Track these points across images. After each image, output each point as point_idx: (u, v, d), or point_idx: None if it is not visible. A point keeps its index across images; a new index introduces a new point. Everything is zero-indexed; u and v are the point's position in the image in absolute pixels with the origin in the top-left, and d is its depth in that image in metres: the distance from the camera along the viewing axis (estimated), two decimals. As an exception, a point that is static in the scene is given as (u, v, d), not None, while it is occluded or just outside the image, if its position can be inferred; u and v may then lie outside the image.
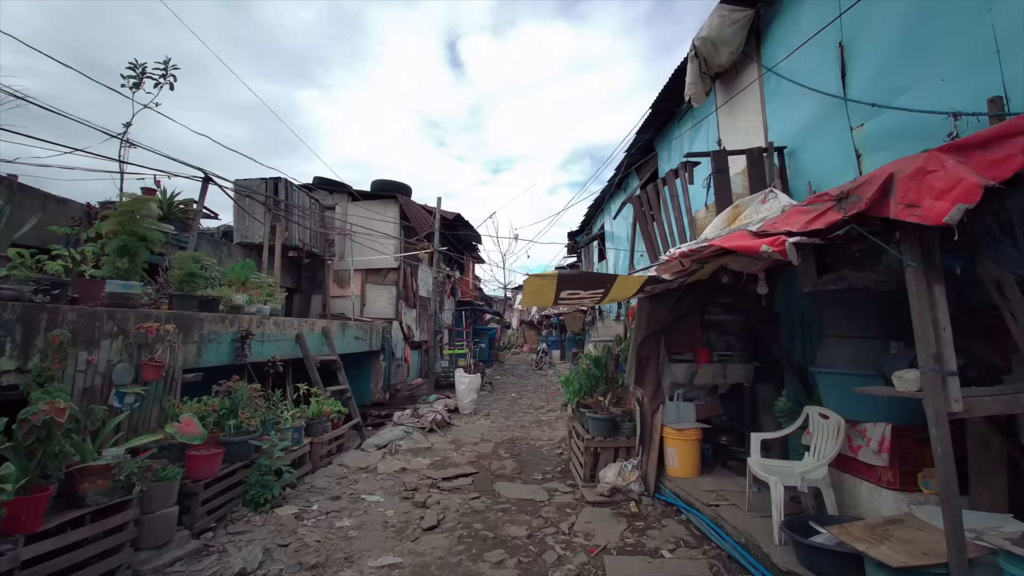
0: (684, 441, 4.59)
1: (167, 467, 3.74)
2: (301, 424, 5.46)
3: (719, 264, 4.13)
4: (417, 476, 5.59)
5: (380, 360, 10.29)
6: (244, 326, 5.53)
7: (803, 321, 4.87)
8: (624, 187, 11.26)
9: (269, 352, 6.00)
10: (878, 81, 3.84)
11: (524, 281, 3.87)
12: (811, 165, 4.58)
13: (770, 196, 4.30)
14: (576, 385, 5.68)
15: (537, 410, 10.24)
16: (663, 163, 8.56)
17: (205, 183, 6.15)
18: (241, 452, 4.45)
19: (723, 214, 4.45)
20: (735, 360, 5.44)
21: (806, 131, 4.64)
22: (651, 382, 4.94)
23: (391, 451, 6.53)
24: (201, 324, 4.93)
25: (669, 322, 4.96)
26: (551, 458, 6.44)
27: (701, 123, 6.71)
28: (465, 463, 6.17)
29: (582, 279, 4.01)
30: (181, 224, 6.65)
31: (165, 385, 4.34)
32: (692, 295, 4.87)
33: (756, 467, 3.55)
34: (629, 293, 4.36)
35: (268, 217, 8.78)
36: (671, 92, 7.15)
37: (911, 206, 1.88)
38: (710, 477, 4.60)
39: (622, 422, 5.10)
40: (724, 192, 4.67)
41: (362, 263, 11.18)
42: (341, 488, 5.12)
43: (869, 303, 3.29)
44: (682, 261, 3.28)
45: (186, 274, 4.88)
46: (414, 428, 7.57)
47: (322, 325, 7.63)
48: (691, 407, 5.01)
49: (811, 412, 3.62)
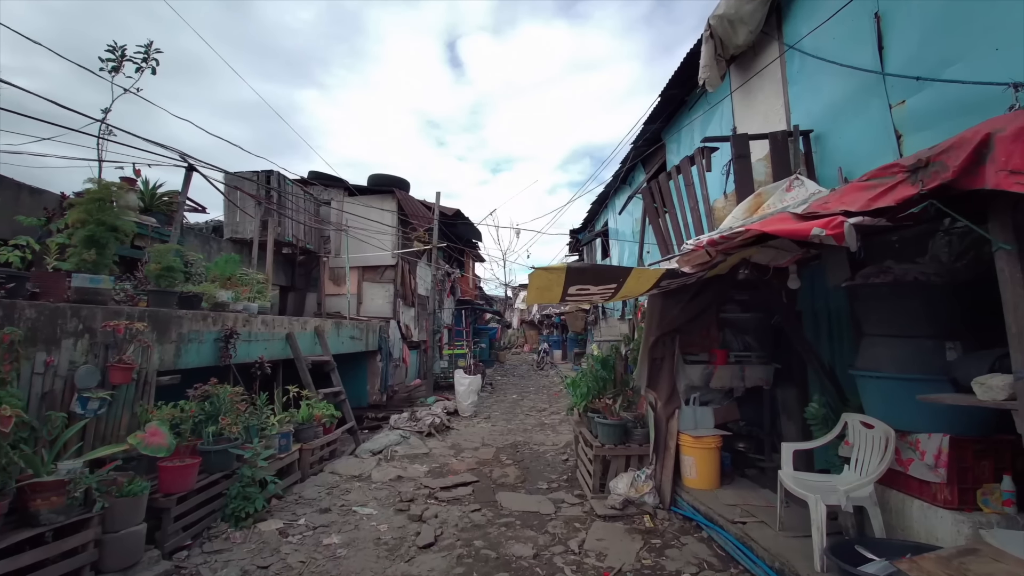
0: (702, 449, 4.23)
1: (133, 480, 3.38)
2: (289, 430, 5.09)
3: (741, 257, 3.77)
4: (414, 485, 5.22)
5: (377, 361, 9.93)
6: (229, 325, 5.17)
7: (830, 319, 4.50)
8: (629, 182, 10.89)
9: (257, 352, 5.64)
10: (922, 53, 3.47)
11: (530, 275, 3.50)
12: (842, 149, 4.21)
13: (796, 183, 3.94)
14: (584, 388, 5.31)
15: (540, 412, 9.87)
16: (672, 155, 8.19)
17: (188, 172, 5.78)
18: (221, 462, 4.09)
19: (744, 203, 4.09)
20: (754, 361, 5.08)
21: (835, 113, 4.27)
22: (665, 385, 4.57)
23: (386, 457, 6.17)
24: (180, 322, 4.56)
25: (684, 321, 4.60)
26: (556, 465, 6.08)
27: (715, 109, 6.34)
28: (465, 470, 5.81)
29: (593, 273, 3.65)
30: (164, 217, 6.29)
31: (137, 389, 3.97)
32: (709, 291, 4.50)
33: (790, 481, 3.18)
34: (643, 289, 4.00)
35: (259, 211, 8.41)
36: (682, 79, 6.79)
37: (1016, 172, 1.52)
38: (731, 488, 4.23)
39: (633, 428, 4.74)
40: (745, 180, 4.31)
41: (358, 260, 10.81)
42: (332, 499, 4.75)
43: (919, 298, 2.92)
44: (709, 250, 2.91)
45: (163, 268, 4.51)
46: (411, 432, 7.20)
47: (315, 324, 7.27)
48: (709, 412, 4.65)
49: (850, 420, 3.26)
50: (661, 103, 7.21)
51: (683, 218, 4.99)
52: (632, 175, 10.64)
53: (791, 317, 4.38)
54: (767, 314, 5.26)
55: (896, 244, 3.44)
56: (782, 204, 3.81)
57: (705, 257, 3.12)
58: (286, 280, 10.44)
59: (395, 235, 11.08)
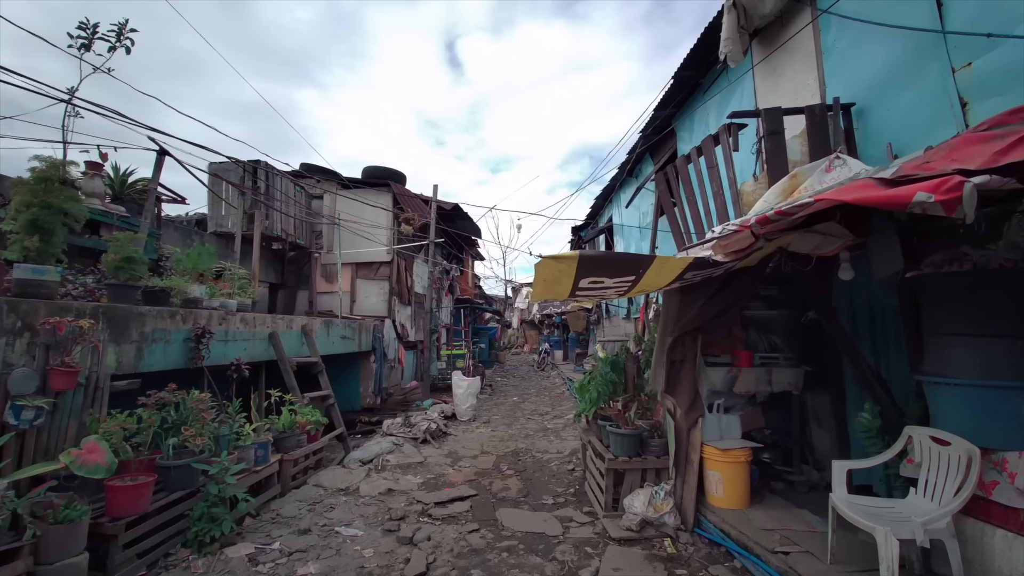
0: (730, 464, 3.73)
1: (72, 503, 2.88)
2: (268, 439, 4.59)
3: (778, 245, 3.28)
4: (405, 500, 4.73)
5: (371, 362, 9.42)
6: (201, 323, 4.67)
7: (872, 317, 4.01)
8: (636, 174, 10.40)
9: (234, 353, 5.14)
10: (991, 6, 2.99)
11: (536, 266, 3.00)
12: (890, 123, 3.72)
13: (836, 163, 3.45)
14: (593, 393, 4.81)
15: (542, 416, 9.37)
16: (683, 143, 7.70)
17: (160, 156, 5.28)
18: (183, 478, 3.59)
19: (778, 186, 3.60)
20: (781, 363, 4.59)
21: (882, 83, 3.79)
22: (686, 391, 4.08)
23: (377, 467, 5.67)
24: (142, 320, 4.07)
25: (707, 318, 4.10)
26: (561, 476, 5.58)
27: (733, 89, 5.85)
28: (462, 482, 5.31)
29: (609, 262, 3.16)
30: (137, 206, 5.79)
31: (85, 395, 3.47)
32: (735, 285, 4.00)
33: (845, 507, 2.69)
34: (665, 281, 3.51)
35: (243, 202, 7.90)
36: (697, 59, 6.30)
37: None
38: (762, 508, 3.74)
39: (650, 438, 4.24)
40: (778, 159, 3.82)
41: (352, 256, 10.31)
42: (313, 517, 4.25)
43: (1007, 290, 2.43)
44: (756, 230, 2.42)
45: (123, 259, 4.02)
46: (405, 439, 6.70)
47: (302, 323, 6.77)
48: (735, 420, 4.16)
49: (916, 435, 2.77)
50: (674, 86, 6.72)
51: (704, 205, 4.51)
52: (639, 167, 10.15)
53: (829, 315, 3.89)
54: (795, 311, 4.78)
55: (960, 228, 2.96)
56: (820, 186, 3.33)
57: (747, 241, 2.64)
58: (276, 277, 9.94)
59: (391, 230, 10.58)
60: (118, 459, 3.38)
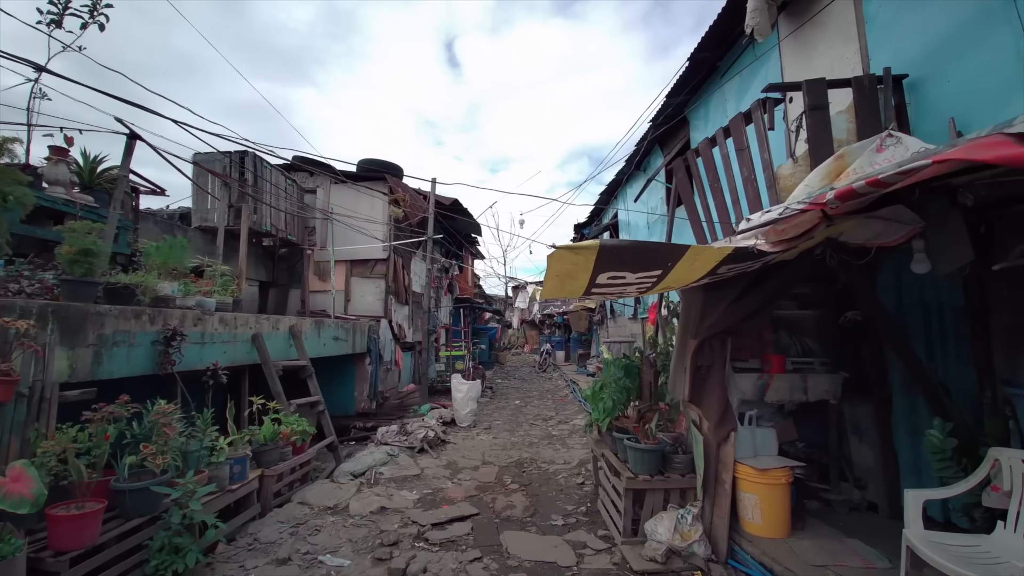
0: (769, 486, 3.27)
1: (6, 536, 2.43)
2: (246, 453, 4.13)
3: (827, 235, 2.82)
4: (399, 520, 4.26)
5: (366, 364, 8.96)
6: (172, 324, 4.20)
7: (927, 319, 3.55)
8: (644, 167, 9.94)
9: (212, 357, 4.68)
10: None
11: (548, 257, 2.56)
12: (950, 96, 3.27)
13: (889, 142, 3.00)
14: (608, 402, 4.35)
15: (546, 421, 8.91)
16: (697, 131, 7.24)
17: (131, 141, 4.81)
18: (140, 504, 3.13)
19: (822, 167, 3.14)
20: (817, 369, 4.14)
21: (939, 51, 3.33)
22: (715, 401, 3.61)
23: (369, 481, 5.21)
24: (100, 320, 3.60)
25: (738, 319, 3.64)
26: (570, 490, 5.12)
27: (756, 68, 5.39)
28: (462, 498, 4.85)
29: (634, 253, 2.70)
30: (108, 196, 5.32)
31: (29, 408, 3.01)
32: (771, 282, 3.53)
33: (926, 549, 2.22)
34: (696, 276, 3.06)
35: (227, 194, 7.43)
36: (715, 40, 5.85)
37: None
38: (807, 537, 3.28)
39: (673, 454, 3.79)
40: (822, 137, 3.36)
41: (346, 253, 9.84)
42: (295, 542, 3.79)
43: None
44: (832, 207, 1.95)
45: (78, 252, 3.55)
46: (401, 448, 6.24)
47: (289, 323, 6.30)
48: (771, 434, 3.70)
49: (1005, 459, 2.31)
50: (689, 69, 6.26)
51: (732, 193, 4.05)
52: (647, 160, 9.69)
53: (883, 316, 3.43)
54: (831, 311, 4.32)
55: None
56: (872, 168, 2.87)
57: (810, 223, 2.19)
58: (266, 275, 9.47)
59: (387, 225, 10.11)
60: (69, 480, 2.94)
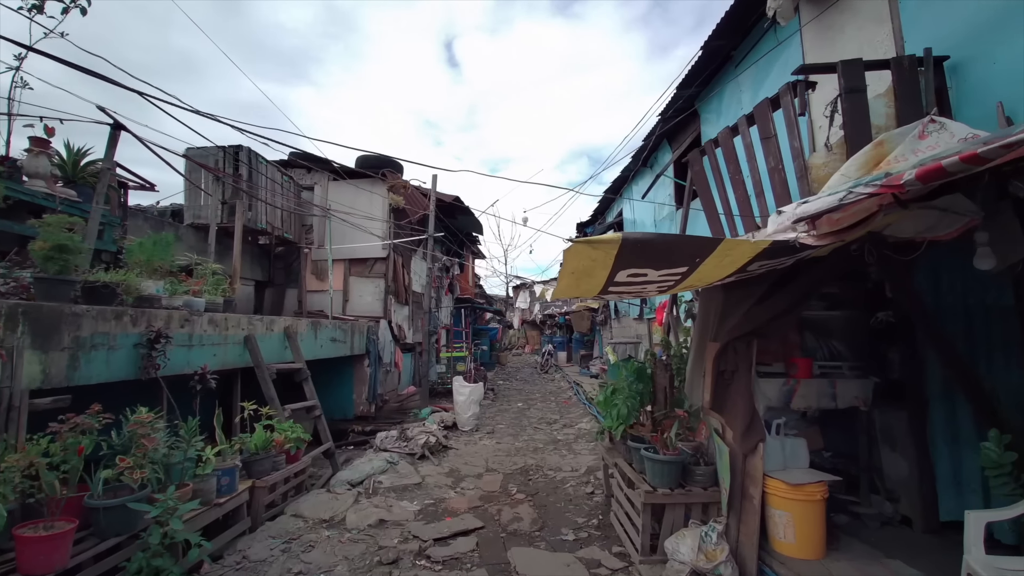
0: (803, 502, 3.01)
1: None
2: (235, 464, 3.86)
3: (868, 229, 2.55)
4: (399, 534, 4.00)
5: (365, 366, 8.69)
6: (156, 325, 3.94)
7: (971, 321, 3.29)
8: (651, 164, 9.68)
9: (201, 360, 4.41)
10: None
11: (565, 252, 2.30)
12: (998, 79, 3.00)
13: (931, 127, 2.74)
14: (623, 408, 4.08)
15: (550, 425, 8.64)
16: (708, 125, 6.98)
17: (115, 131, 4.55)
18: (116, 522, 2.86)
19: (860, 155, 2.88)
20: (846, 374, 3.88)
21: (985, 30, 3.07)
22: (740, 409, 3.34)
23: (368, 491, 4.94)
24: (76, 321, 3.33)
25: (765, 320, 3.37)
26: (579, 501, 4.85)
27: (775, 56, 5.12)
28: (466, 509, 4.59)
29: (659, 248, 2.43)
30: (93, 191, 5.06)
31: (-8, 418, 2.74)
32: (801, 280, 3.26)
33: (987, 574, 1.96)
34: (723, 274, 2.80)
35: (217, 188, 7.16)
36: (731, 27, 5.58)
37: None
38: (843, 556, 3.01)
39: (695, 465, 3.52)
40: (860, 123, 3.09)
41: (345, 252, 9.57)
42: (287, 561, 3.52)
43: None
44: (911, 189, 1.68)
45: (53, 248, 3.28)
46: (401, 455, 5.98)
47: (284, 324, 6.04)
48: (801, 445, 3.43)
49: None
50: (703, 58, 6.00)
51: (755, 184, 3.78)
52: (654, 156, 9.43)
53: (926, 316, 3.17)
54: (861, 311, 4.06)
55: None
56: (915, 156, 2.62)
57: (866, 213, 1.93)
58: (262, 275, 9.20)
59: (386, 222, 9.85)
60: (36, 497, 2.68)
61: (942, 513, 3.56)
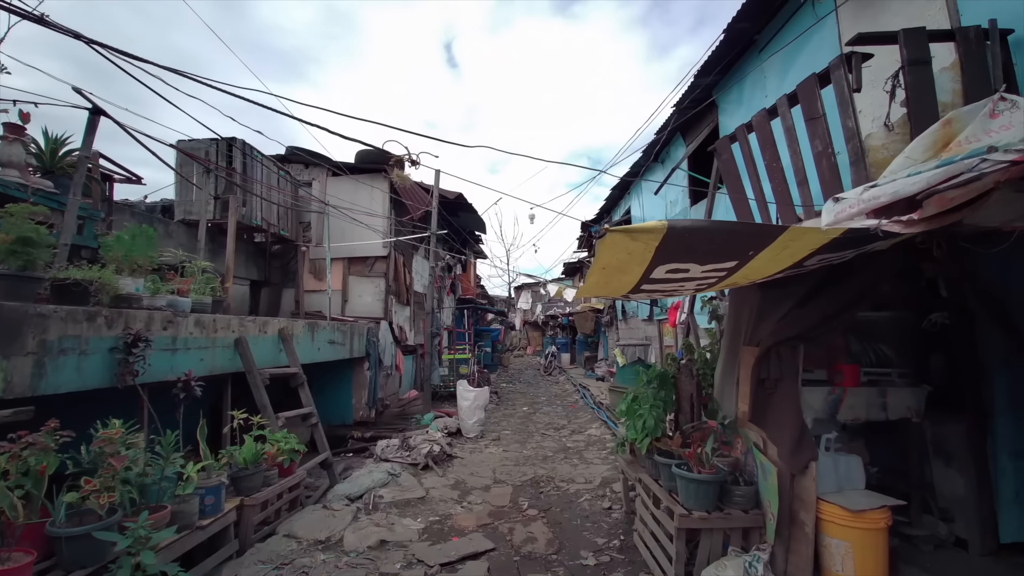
0: (864, 531, 2.65)
1: None
2: (221, 481, 3.50)
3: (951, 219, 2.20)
4: (402, 558, 3.64)
5: (364, 369, 8.32)
6: (135, 327, 3.58)
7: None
8: (661, 159, 9.33)
9: (186, 366, 4.05)
10: None
11: (599, 244, 1.96)
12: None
13: (1002, 106, 2.38)
14: (649, 420, 3.72)
15: (558, 431, 8.28)
16: (727, 116, 6.63)
17: (94, 116, 4.19)
18: (83, 553, 2.50)
19: (926, 135, 2.52)
20: (896, 382, 3.52)
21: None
22: (787, 423, 2.98)
23: (368, 506, 4.58)
24: (42, 323, 2.97)
25: (813, 323, 3.02)
26: (597, 517, 4.49)
27: (806, 39, 4.76)
28: (474, 527, 4.23)
29: (711, 239, 2.07)
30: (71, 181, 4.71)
31: (-64, 435, 2.38)
32: (854, 279, 2.90)
33: None
34: (776, 268, 2.44)
35: (207, 182, 6.81)
36: (756, 6, 5.23)
37: None
38: (907, 592, 2.65)
39: (733, 484, 3.16)
40: (925, 99, 2.73)
41: (344, 250, 9.21)
42: (278, 589, 3.16)
43: None
44: None
45: (16, 240, 2.93)
46: (403, 465, 5.62)
47: (279, 326, 5.67)
48: (856, 464, 3.07)
49: None
50: (724, 43, 5.65)
51: (796, 172, 3.42)
52: (666, 151, 9.08)
53: (999, 317, 2.81)
54: (912, 312, 3.70)
55: None
56: (988, 136, 2.27)
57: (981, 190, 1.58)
58: (258, 274, 8.85)
59: (387, 219, 9.49)
60: None
61: (1002, 534, 3.23)
